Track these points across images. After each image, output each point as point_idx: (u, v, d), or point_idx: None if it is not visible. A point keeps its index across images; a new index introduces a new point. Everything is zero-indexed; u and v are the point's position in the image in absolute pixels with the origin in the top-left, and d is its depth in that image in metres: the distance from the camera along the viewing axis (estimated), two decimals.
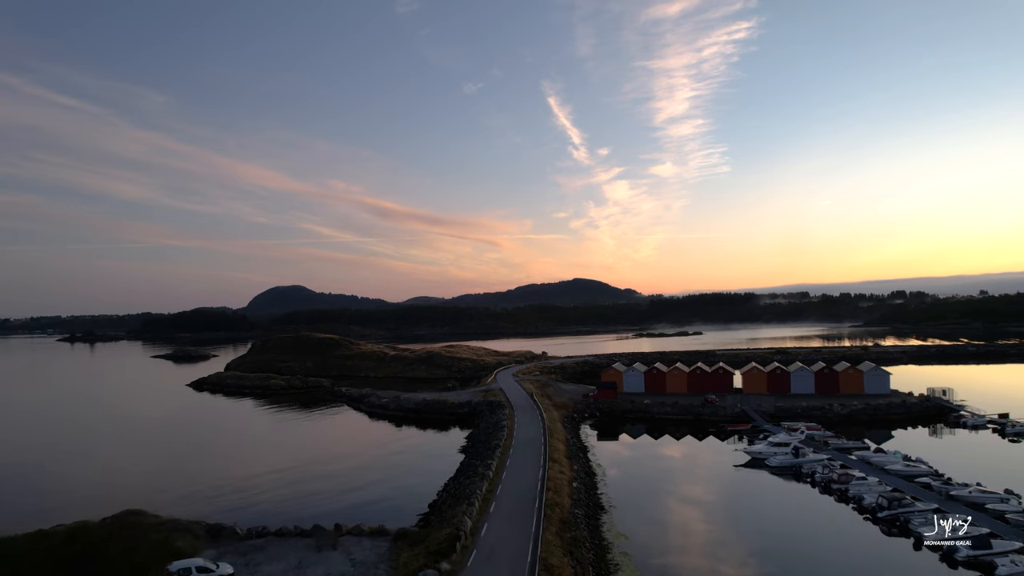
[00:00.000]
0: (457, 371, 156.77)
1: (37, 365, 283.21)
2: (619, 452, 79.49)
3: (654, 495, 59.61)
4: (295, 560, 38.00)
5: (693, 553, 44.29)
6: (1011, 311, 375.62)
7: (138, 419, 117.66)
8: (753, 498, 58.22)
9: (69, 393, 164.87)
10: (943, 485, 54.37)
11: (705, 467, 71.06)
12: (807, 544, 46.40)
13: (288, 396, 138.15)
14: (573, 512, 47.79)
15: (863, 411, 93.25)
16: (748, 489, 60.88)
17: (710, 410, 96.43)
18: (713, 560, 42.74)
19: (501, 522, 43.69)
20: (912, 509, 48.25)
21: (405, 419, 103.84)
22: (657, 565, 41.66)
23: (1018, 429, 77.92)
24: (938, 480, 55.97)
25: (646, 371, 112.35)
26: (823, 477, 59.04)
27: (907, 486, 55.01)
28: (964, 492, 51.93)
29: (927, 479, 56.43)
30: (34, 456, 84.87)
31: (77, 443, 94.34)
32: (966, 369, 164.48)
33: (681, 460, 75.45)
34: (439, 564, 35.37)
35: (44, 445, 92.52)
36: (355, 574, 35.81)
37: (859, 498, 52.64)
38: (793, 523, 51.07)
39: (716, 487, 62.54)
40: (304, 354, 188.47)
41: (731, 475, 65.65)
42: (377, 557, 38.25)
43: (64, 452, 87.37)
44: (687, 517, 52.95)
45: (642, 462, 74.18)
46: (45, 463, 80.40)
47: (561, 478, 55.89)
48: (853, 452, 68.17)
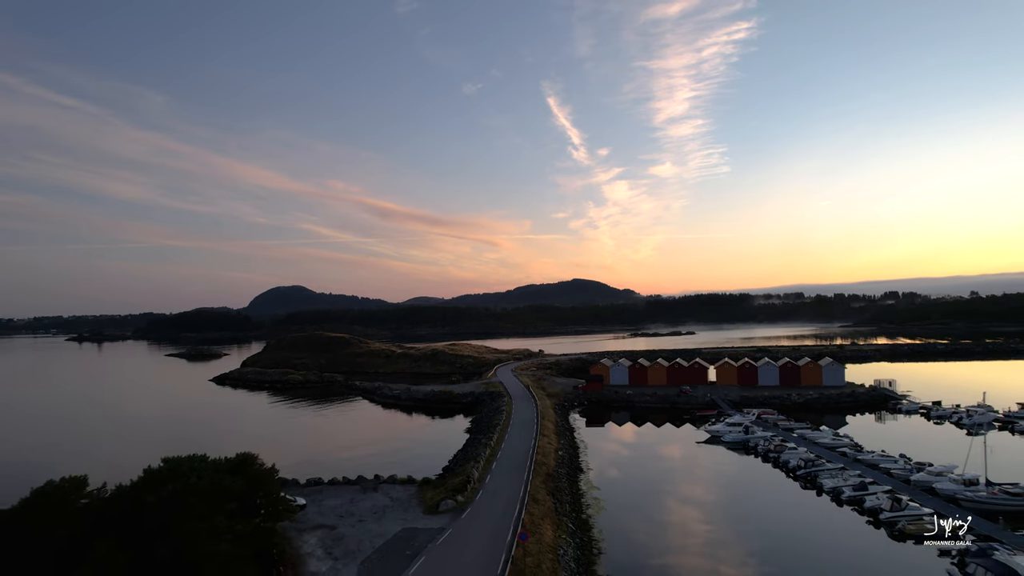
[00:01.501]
0: (460, 367, 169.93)
1: (60, 364, 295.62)
2: (602, 434, 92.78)
3: (628, 462, 73.25)
4: (348, 498, 51.35)
5: (655, 497, 57.82)
6: (992, 311, 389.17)
7: (182, 409, 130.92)
8: (708, 464, 71.49)
9: (113, 388, 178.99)
10: (854, 452, 67.84)
11: (673, 443, 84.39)
12: (746, 495, 59.70)
13: (306, 390, 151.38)
14: (557, 470, 61.20)
15: (817, 400, 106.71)
16: (705, 458, 74.15)
17: (684, 399, 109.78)
18: (675, 503, 56.29)
19: (500, 474, 57.05)
20: (822, 468, 61.61)
21: (415, 408, 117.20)
22: (622, 505, 55.02)
23: (939, 413, 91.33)
24: (852, 449, 69.41)
25: (630, 366, 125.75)
26: (764, 448, 72.42)
27: (827, 453, 68.33)
28: (868, 456, 65.41)
29: (845, 448, 69.78)
30: (116, 440, 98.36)
31: (139, 427, 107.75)
32: (926, 365, 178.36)
33: (653, 438, 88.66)
34: (456, 497, 48.78)
35: (116, 431, 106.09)
36: (393, 505, 49.14)
37: (787, 462, 66.02)
38: (737, 482, 64.30)
39: (679, 458, 76.04)
40: (317, 352, 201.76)
41: (693, 449, 79.01)
42: (408, 496, 51.64)
43: (134, 434, 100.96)
44: (654, 478, 66.34)
45: (621, 441, 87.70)
46: (122, 444, 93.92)
47: (549, 448, 69.31)
48: (795, 430, 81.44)
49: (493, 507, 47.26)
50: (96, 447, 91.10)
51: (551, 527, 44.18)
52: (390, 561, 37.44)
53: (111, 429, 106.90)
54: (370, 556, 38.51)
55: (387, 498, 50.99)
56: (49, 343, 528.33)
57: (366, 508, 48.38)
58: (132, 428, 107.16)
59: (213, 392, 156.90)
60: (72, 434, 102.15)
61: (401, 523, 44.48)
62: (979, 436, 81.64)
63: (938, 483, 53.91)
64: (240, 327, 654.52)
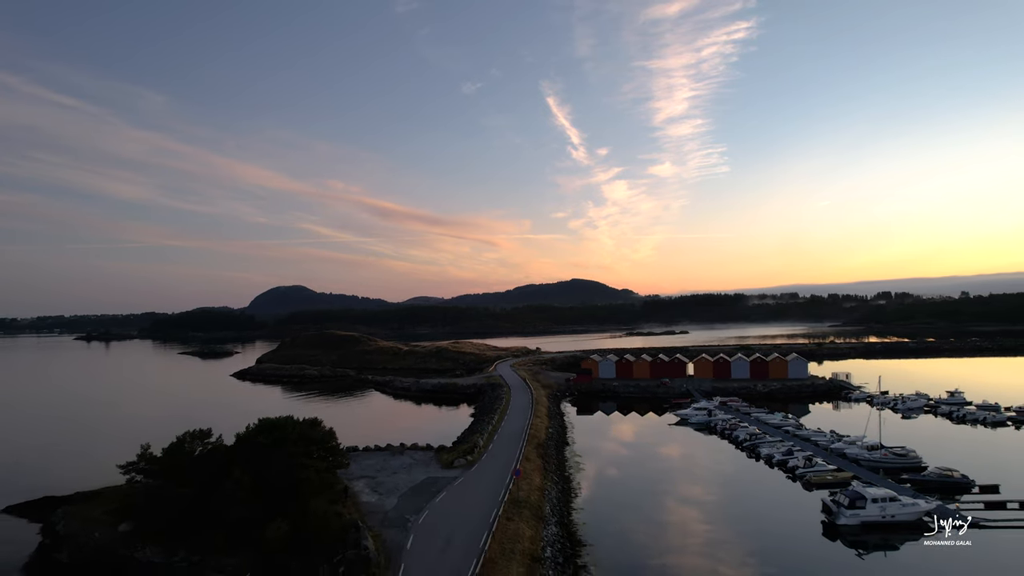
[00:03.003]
0: (463, 363, 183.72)
1: (85, 362, 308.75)
2: (589, 419, 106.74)
3: (608, 437, 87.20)
4: (380, 459, 65.16)
5: (628, 464, 71.79)
6: (974, 312, 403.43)
7: (216, 399, 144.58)
8: (675, 440, 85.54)
9: (150, 382, 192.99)
10: (795, 429, 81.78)
11: (647, 426, 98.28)
12: (703, 461, 73.72)
13: (322, 383, 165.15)
14: (546, 442, 75.06)
15: (780, 390, 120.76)
16: (672, 436, 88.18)
17: (664, 390, 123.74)
18: (646, 468, 70.32)
19: (500, 444, 70.87)
20: (763, 441, 75.46)
21: (424, 398, 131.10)
22: (599, 468, 68.89)
23: (880, 400, 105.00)
24: (794, 427, 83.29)
25: (617, 361, 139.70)
26: (721, 427, 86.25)
27: (772, 430, 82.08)
28: (804, 432, 79.35)
29: (788, 427, 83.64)
30: (177, 422, 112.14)
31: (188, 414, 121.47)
32: (894, 362, 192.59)
33: (633, 422, 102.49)
34: (466, 457, 62.65)
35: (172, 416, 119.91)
36: (417, 463, 62.95)
37: (737, 437, 79.89)
38: (696, 453, 78.12)
39: (652, 436, 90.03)
40: (328, 349, 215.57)
41: (664, 429, 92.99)
42: (428, 458, 65.46)
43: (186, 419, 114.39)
44: (630, 451, 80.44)
45: (604, 424, 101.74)
46: (183, 425, 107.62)
47: (540, 426, 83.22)
48: (752, 414, 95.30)
49: (495, 464, 61.06)
50: (163, 427, 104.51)
51: (539, 476, 58.08)
52: (420, 496, 51.22)
53: (168, 414, 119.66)
54: (405, 493, 52.32)
55: (411, 459, 64.84)
56: (58, 342, 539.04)
57: (396, 465, 62.23)
58: (183, 414, 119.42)
59: (236, 386, 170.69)
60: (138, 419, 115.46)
61: (425, 474, 58.34)
62: (910, 419, 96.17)
63: (848, 449, 67.87)
64: (244, 327, 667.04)
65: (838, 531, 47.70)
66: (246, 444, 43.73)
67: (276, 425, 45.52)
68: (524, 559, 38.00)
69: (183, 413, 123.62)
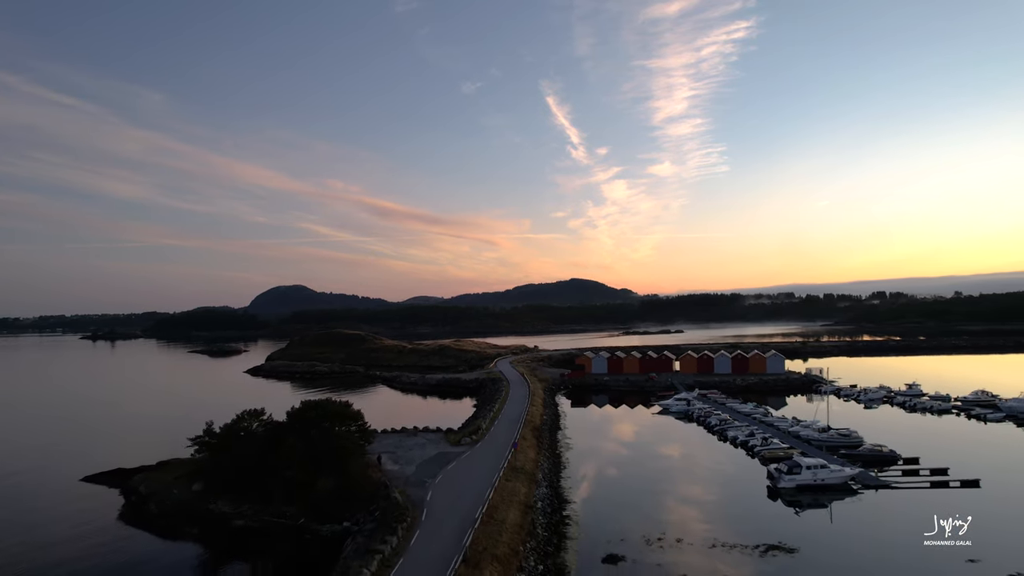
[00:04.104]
0: (465, 360, 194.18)
1: (101, 361, 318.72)
2: (581, 410, 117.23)
3: (596, 425, 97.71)
4: (397, 439, 75.57)
5: (612, 445, 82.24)
6: (963, 311, 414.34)
7: (238, 392, 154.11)
8: (656, 426, 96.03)
9: (175, 379, 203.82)
10: (762, 416, 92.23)
11: (633, 415, 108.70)
12: (679, 443, 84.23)
13: (332, 379, 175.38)
14: (541, 427, 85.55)
15: (757, 384, 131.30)
16: (655, 423, 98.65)
17: (650, 384, 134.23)
18: (629, 448, 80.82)
19: (500, 427, 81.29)
20: (731, 425, 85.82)
21: (430, 392, 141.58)
22: (586, 447, 79.31)
23: (846, 392, 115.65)
24: (762, 415, 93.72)
25: (608, 357, 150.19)
26: (697, 415, 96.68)
27: (741, 417, 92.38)
28: (769, 419, 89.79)
29: (757, 415, 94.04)
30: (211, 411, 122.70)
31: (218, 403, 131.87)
32: (874, 359, 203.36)
33: (620, 412, 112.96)
34: (471, 437, 73.11)
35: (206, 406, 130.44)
36: (429, 442, 73.32)
37: (710, 423, 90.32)
38: (674, 436, 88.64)
39: (636, 424, 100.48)
40: (336, 347, 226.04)
41: (648, 418, 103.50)
42: (438, 438, 75.89)
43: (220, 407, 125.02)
44: (616, 436, 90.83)
45: (595, 414, 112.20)
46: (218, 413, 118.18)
47: (536, 413, 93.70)
48: (727, 404, 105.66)
49: (496, 442, 71.47)
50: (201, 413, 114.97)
51: (534, 451, 68.55)
52: (434, 465, 61.58)
53: (199, 403, 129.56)
54: (421, 463, 62.71)
55: (424, 439, 75.29)
56: (64, 342, 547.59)
57: (411, 444, 72.67)
58: (213, 403, 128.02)
59: (252, 381, 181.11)
60: (176, 407, 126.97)
61: (437, 450, 68.76)
62: (871, 409, 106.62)
63: (802, 431, 78.40)
64: (246, 326, 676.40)
65: (779, 493, 58.12)
66: (296, 418, 54.23)
67: (319, 404, 56.04)
68: (519, 506, 48.44)
69: (213, 403, 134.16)
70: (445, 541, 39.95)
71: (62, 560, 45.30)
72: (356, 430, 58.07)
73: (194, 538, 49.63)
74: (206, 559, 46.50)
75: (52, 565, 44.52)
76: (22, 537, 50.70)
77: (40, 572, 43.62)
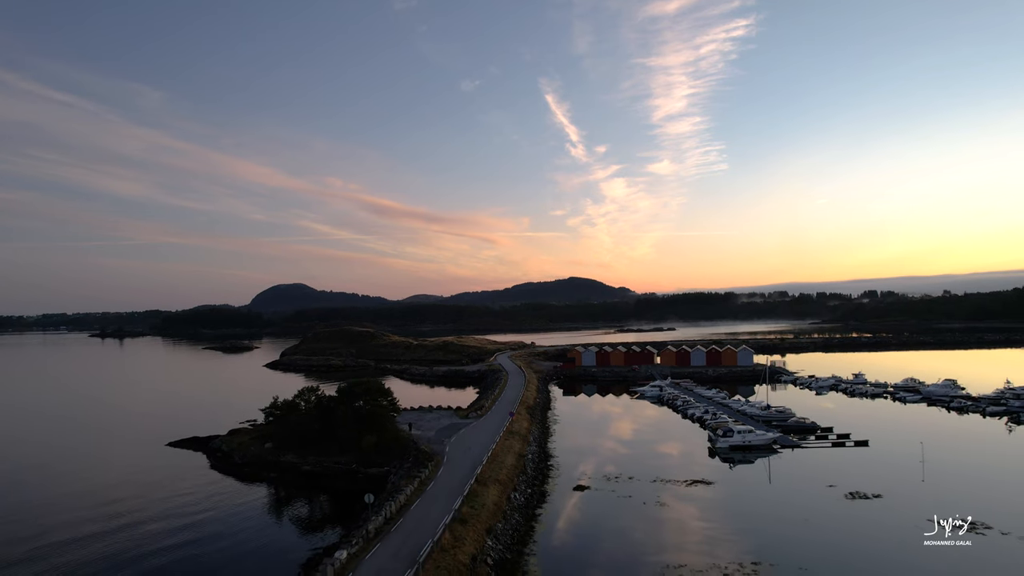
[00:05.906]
0: (467, 354, 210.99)
1: (127, 358, 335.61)
2: (572, 397, 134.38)
3: (580, 406, 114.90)
4: (416, 414, 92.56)
5: (592, 420, 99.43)
6: (943, 310, 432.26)
7: (268, 383, 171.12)
8: (633, 408, 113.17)
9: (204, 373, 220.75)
10: (721, 399, 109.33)
11: (614, 400, 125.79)
12: (651, 421, 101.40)
13: (346, 372, 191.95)
14: (534, 407, 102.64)
15: (726, 374, 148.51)
16: (632, 405, 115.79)
17: (633, 375, 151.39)
18: (605, 423, 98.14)
19: (500, 407, 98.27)
20: (692, 406, 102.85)
21: (437, 382, 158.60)
22: (571, 424, 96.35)
23: (802, 381, 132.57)
24: (720, 398, 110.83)
25: (596, 351, 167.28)
26: (667, 399, 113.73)
27: (704, 400, 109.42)
28: (725, 401, 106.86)
29: (717, 399, 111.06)
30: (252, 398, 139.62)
31: (257, 390, 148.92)
32: (843, 354, 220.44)
33: (604, 398, 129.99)
34: (476, 412, 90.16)
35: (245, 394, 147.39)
36: (442, 417, 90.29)
37: (676, 405, 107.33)
38: (643, 416, 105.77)
39: (616, 407, 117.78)
40: (347, 343, 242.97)
41: (627, 402, 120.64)
42: (449, 414, 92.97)
43: (259, 395, 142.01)
44: (598, 415, 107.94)
45: (583, 398, 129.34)
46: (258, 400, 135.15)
47: (530, 396, 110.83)
48: (694, 390, 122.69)
49: (497, 416, 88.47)
50: (247, 398, 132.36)
51: (527, 423, 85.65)
52: (449, 431, 78.50)
53: (242, 389, 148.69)
54: (438, 430, 79.70)
55: (439, 414, 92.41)
56: (72, 340, 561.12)
57: (429, 416, 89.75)
58: (252, 389, 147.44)
59: (272, 374, 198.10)
60: (223, 393, 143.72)
61: (450, 421, 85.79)
62: (821, 395, 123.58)
63: (748, 409, 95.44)
64: (251, 324, 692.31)
65: (716, 451, 75.14)
66: (346, 392, 71.20)
67: (362, 382, 73.19)
68: (515, 455, 65.47)
69: (248, 388, 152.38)
70: (463, 471, 56.99)
71: (183, 490, 62.27)
72: (387, 403, 74.95)
73: (272, 480, 66.58)
74: (286, 492, 63.46)
75: (180, 493, 61.55)
76: (144, 477, 67.76)
77: (172, 497, 60.46)
